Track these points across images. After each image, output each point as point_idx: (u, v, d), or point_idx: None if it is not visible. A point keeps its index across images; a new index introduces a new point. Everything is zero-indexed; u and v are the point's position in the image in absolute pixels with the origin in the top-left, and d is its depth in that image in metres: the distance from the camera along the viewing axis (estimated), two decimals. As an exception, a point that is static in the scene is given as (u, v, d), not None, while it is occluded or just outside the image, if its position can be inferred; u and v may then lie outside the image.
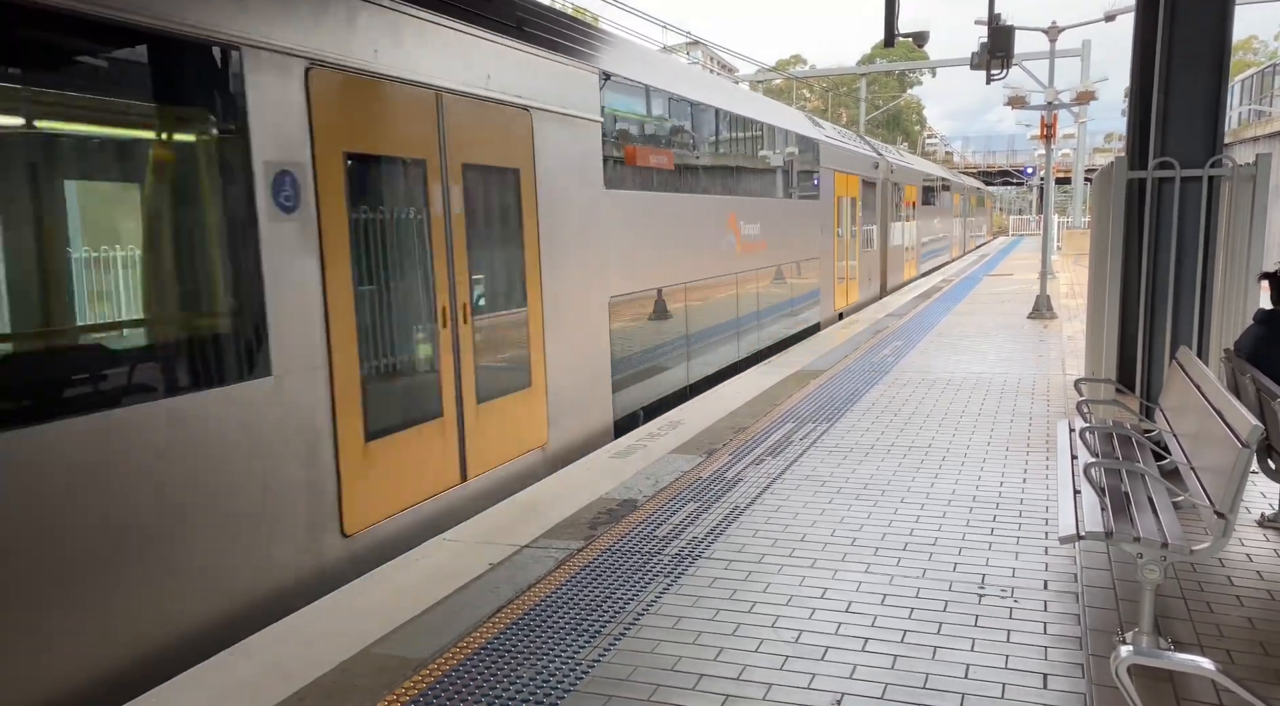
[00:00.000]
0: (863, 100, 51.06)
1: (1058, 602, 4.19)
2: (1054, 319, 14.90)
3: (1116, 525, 3.61)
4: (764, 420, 8.00)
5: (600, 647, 3.86)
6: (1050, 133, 17.75)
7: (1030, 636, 3.87)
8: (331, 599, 4.44)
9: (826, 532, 5.18)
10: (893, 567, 4.66)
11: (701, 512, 5.57)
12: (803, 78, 57.03)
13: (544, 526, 5.38)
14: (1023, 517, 5.36)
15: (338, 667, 3.74)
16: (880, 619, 4.08)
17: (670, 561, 4.80)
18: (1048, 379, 9.72)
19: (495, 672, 3.67)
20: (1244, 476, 3.39)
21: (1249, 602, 4.18)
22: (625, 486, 6.13)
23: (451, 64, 6.06)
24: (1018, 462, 6.51)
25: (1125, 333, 6.40)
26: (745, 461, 6.68)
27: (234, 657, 3.85)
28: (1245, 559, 4.71)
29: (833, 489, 5.99)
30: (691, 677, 3.60)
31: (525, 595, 4.41)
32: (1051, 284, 17.32)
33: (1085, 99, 22.45)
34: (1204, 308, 6.17)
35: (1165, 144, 6.11)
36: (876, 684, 3.51)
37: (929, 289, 21.10)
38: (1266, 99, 28.35)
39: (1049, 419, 7.82)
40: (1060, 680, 3.50)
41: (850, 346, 12.31)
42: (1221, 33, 5.95)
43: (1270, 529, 5.12)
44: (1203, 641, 3.82)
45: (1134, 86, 6.36)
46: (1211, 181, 6.05)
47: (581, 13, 24.79)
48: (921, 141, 73.48)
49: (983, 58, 14.50)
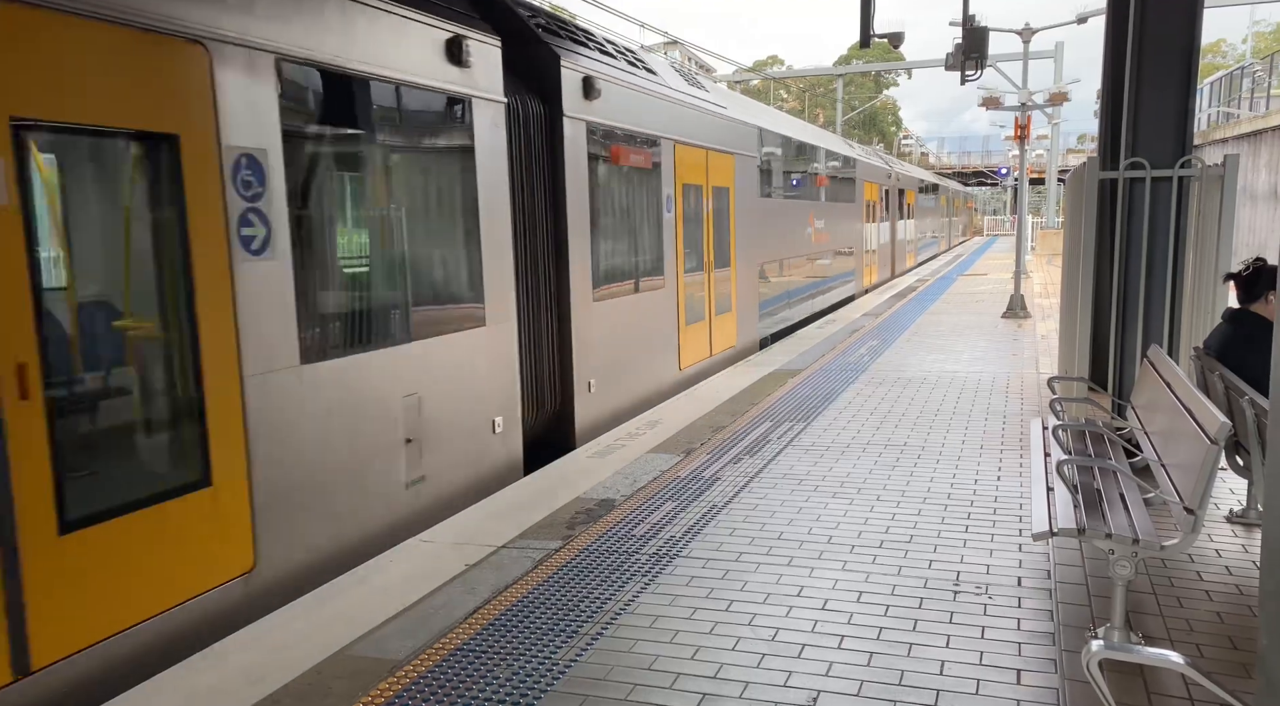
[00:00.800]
0: (840, 101, 51.24)
1: (1031, 598, 4.23)
2: (1028, 318, 15.04)
3: (1089, 521, 3.64)
4: (742, 419, 8.02)
5: (578, 647, 3.85)
6: (1024, 134, 17.92)
7: (1004, 632, 3.90)
8: (306, 601, 4.40)
9: (803, 530, 5.20)
10: (869, 565, 4.68)
11: (679, 511, 5.57)
12: (780, 78, 57.23)
13: (522, 526, 5.36)
14: (997, 515, 5.40)
15: (312, 670, 3.70)
16: (856, 616, 4.10)
17: (648, 560, 4.80)
18: (1022, 377, 9.81)
19: (472, 673, 3.65)
20: (1213, 473, 3.44)
21: (1218, 597, 4.24)
22: (603, 486, 6.13)
23: (720, 136, 11.18)
24: (992, 460, 6.57)
25: (1098, 331, 6.47)
26: (723, 460, 6.70)
27: (205, 662, 3.81)
28: (1214, 554, 4.77)
29: (809, 487, 6.01)
30: (669, 676, 3.60)
31: (502, 595, 4.39)
32: (1025, 283, 17.48)
33: (1058, 100, 22.68)
34: (1174, 306, 6.26)
35: (1136, 145, 6.19)
36: (853, 681, 3.52)
37: (904, 288, 21.26)
38: (1235, 101, 28.79)
39: (1023, 417, 7.89)
40: (1034, 675, 3.54)
41: (827, 345, 12.37)
42: (1190, 35, 6.03)
43: (1238, 524, 5.19)
44: (1173, 636, 3.87)
45: (1105, 88, 6.43)
46: (1181, 182, 6.13)
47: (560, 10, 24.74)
48: (898, 143, 73.94)
49: (957, 59, 14.62)
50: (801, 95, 59.75)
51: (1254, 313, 5.05)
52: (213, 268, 4.22)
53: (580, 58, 7.94)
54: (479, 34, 6.34)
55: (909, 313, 16.16)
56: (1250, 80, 27.69)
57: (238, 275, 4.35)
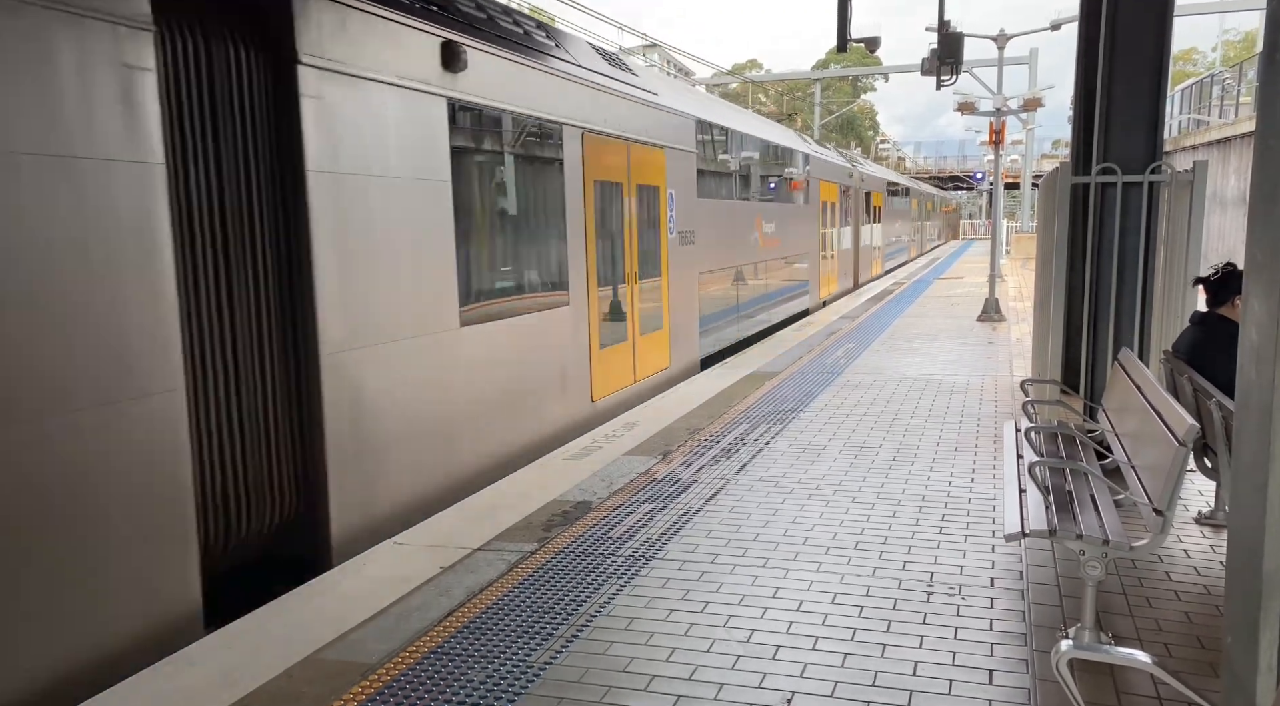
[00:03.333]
0: (818, 104, 51.53)
1: (1004, 599, 4.27)
2: (1002, 321, 15.18)
3: (1060, 523, 3.68)
4: (719, 421, 8.03)
5: (552, 650, 3.84)
6: (999, 138, 18.09)
7: (977, 633, 3.93)
8: (279, 603, 4.36)
9: (779, 533, 5.21)
10: (844, 566, 4.70)
11: (656, 514, 5.57)
12: (759, 81, 57.47)
13: (497, 529, 5.34)
14: (970, 516, 5.45)
15: (284, 674, 3.67)
16: (831, 617, 4.11)
17: (624, 563, 4.80)
18: (996, 380, 9.90)
19: (446, 676, 3.63)
20: (1181, 474, 3.48)
21: (1186, 597, 4.29)
22: (580, 488, 6.12)
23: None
24: (966, 462, 6.62)
25: (1070, 334, 6.54)
26: (700, 462, 6.71)
27: (174, 666, 3.76)
28: (1183, 555, 4.84)
29: (786, 489, 6.03)
30: (643, 678, 3.60)
31: (477, 598, 4.37)
32: (1000, 287, 17.65)
33: (1033, 106, 22.93)
34: (1145, 310, 6.34)
35: (1108, 150, 6.26)
36: (827, 682, 3.54)
37: (880, 292, 21.38)
38: (1205, 108, 29.22)
39: (996, 419, 7.96)
40: (1005, 675, 3.57)
41: (804, 348, 12.42)
42: (1161, 43, 6.11)
43: (1207, 525, 5.27)
44: (1142, 636, 3.91)
45: (1078, 94, 6.51)
46: (1152, 187, 6.21)
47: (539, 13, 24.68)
48: (875, 146, 74.39)
49: (933, 64, 14.74)
50: (780, 99, 60.02)
51: (1222, 315, 5.12)
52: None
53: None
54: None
55: (886, 315, 16.27)
56: (1220, 88, 28.13)
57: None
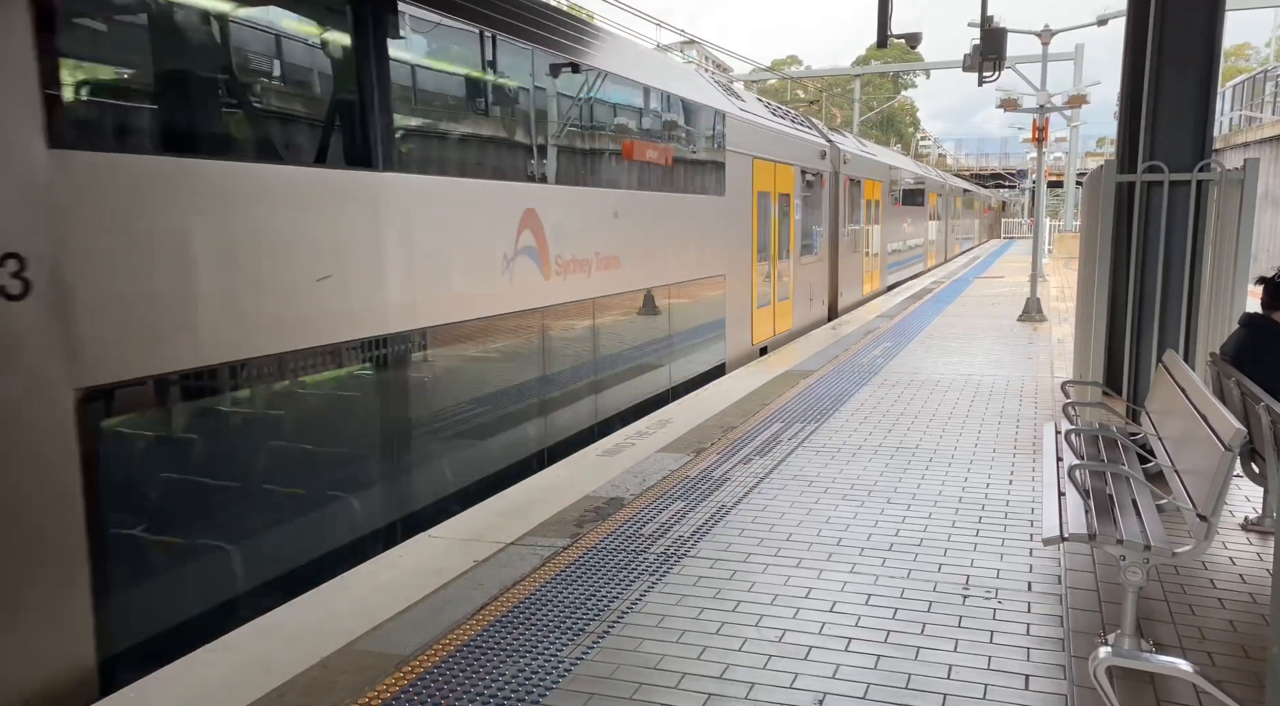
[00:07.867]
0: (857, 101, 51.05)
1: (1041, 604, 4.20)
2: (1044, 322, 14.95)
3: (1100, 527, 3.61)
4: (752, 420, 8.00)
5: (584, 645, 3.85)
6: (1042, 136, 17.80)
7: (1013, 637, 3.88)
8: (315, 594, 4.42)
9: (812, 532, 5.18)
10: (878, 568, 4.66)
11: (688, 511, 5.57)
12: (797, 78, 57.07)
13: (530, 524, 5.37)
14: (1008, 519, 5.37)
15: (319, 663, 3.72)
16: (864, 619, 4.08)
17: (656, 560, 4.80)
18: (1036, 381, 9.75)
19: (478, 669, 3.66)
20: (1227, 479, 3.40)
21: (1231, 605, 4.19)
22: (613, 484, 6.12)
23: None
24: (1004, 464, 6.53)
25: (1113, 335, 6.42)
26: (733, 460, 6.68)
27: (214, 653, 3.83)
28: (1228, 562, 4.73)
29: (819, 489, 5.99)
30: (674, 676, 3.60)
31: (510, 592, 4.40)
32: (1042, 287, 17.37)
33: (1077, 103, 22.48)
34: (1191, 311, 6.20)
35: (1154, 147, 6.13)
36: (859, 683, 3.51)
37: (919, 290, 21.14)
38: (1257, 105, 28.48)
39: (1036, 421, 7.84)
40: (1042, 681, 3.51)
41: (840, 347, 12.33)
42: (1211, 37, 5.97)
43: (1253, 532, 5.14)
44: (1184, 644, 3.83)
45: (1124, 90, 6.38)
46: (1200, 185, 6.07)
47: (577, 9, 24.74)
48: (915, 143, 73.63)
49: (975, 60, 14.52)
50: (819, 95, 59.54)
51: (1273, 319, 5.00)
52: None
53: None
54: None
55: (924, 315, 16.09)
56: (1274, 84, 27.38)
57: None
